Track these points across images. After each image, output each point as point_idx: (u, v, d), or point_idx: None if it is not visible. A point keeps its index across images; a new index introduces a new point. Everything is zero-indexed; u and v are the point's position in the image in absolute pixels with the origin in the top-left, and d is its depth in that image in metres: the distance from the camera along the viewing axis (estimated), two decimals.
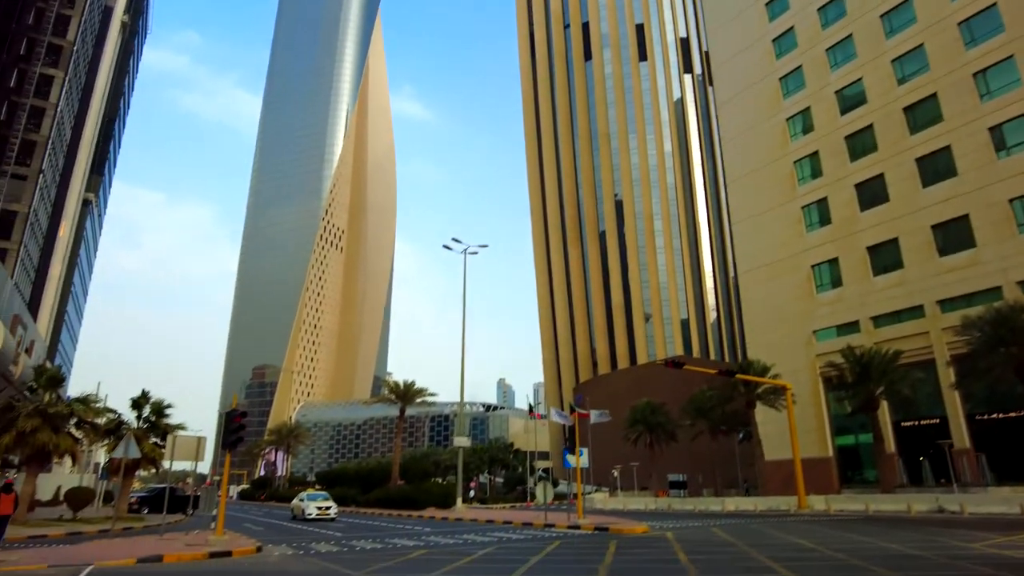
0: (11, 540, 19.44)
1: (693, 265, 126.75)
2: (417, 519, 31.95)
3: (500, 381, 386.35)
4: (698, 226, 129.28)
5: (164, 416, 30.05)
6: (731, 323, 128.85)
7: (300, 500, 32.13)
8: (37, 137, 57.15)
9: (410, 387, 46.36)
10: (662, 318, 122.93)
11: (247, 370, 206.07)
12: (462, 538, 19.33)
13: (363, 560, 13.83)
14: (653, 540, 17.84)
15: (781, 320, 49.18)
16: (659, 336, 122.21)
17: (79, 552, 15.08)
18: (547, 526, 23.57)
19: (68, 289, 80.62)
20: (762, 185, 52.47)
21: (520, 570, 11.75)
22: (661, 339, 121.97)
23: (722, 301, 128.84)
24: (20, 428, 23.82)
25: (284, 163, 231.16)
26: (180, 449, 19.11)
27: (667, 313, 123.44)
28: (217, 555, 14.45)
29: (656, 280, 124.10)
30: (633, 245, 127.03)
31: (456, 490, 36.42)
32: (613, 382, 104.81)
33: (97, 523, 26.28)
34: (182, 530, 22.64)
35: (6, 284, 35.65)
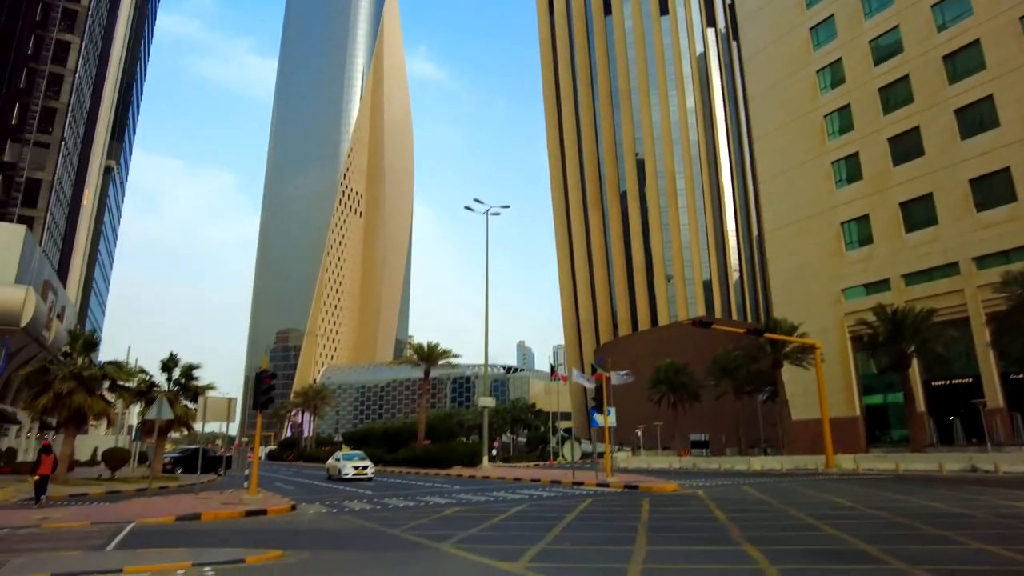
0: (54, 498, 19.92)
1: (716, 225, 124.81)
2: (444, 477, 32.35)
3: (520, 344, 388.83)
4: (721, 185, 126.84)
5: (193, 379, 30.44)
6: (754, 283, 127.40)
7: (336, 460, 31.65)
8: (57, 104, 57.12)
9: (434, 349, 46.53)
10: (684, 279, 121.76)
11: (271, 334, 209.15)
12: (493, 495, 19.42)
13: (397, 518, 13.88)
14: (686, 498, 17.74)
15: (808, 278, 48.33)
16: (681, 297, 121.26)
17: (119, 510, 15.34)
18: (575, 484, 23.62)
19: (94, 256, 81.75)
20: (790, 141, 51.01)
21: (557, 527, 11.66)
22: (683, 300, 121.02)
23: (745, 261, 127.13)
24: (57, 390, 24.28)
25: (301, 128, 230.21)
26: (211, 410, 19.29)
27: (689, 274, 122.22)
28: (253, 513, 14.61)
29: (678, 240, 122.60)
30: (655, 205, 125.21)
31: (482, 449, 36.75)
32: (634, 344, 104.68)
33: (134, 482, 26.89)
34: (216, 489, 23.06)
35: (35, 251, 36.03)
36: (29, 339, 32.41)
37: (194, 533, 11.90)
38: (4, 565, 7.89)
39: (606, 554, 8.89)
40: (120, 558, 8.38)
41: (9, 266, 31.52)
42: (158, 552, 8.91)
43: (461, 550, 9.25)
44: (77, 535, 11.28)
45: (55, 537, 11.11)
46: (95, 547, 9.83)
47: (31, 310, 30.04)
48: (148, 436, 31.68)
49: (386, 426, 61.83)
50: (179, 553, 8.70)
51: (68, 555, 8.92)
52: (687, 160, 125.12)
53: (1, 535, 11.48)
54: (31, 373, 25.06)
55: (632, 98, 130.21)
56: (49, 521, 12.81)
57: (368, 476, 29.10)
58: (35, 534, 11.61)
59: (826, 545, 9.31)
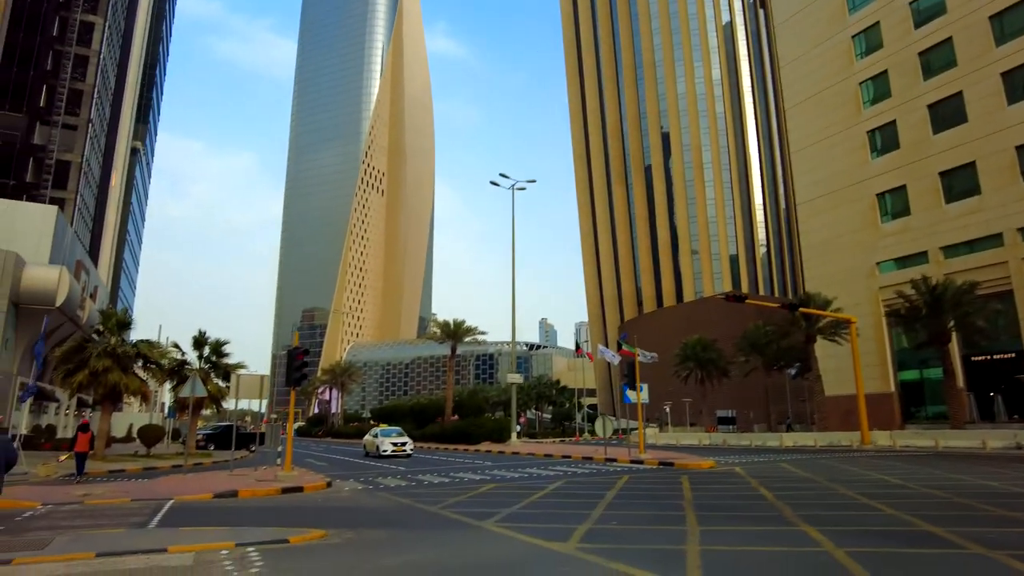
0: (93, 474, 20.22)
1: (743, 198, 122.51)
2: (474, 453, 32.37)
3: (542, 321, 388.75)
4: (748, 157, 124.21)
5: (223, 355, 30.69)
6: (782, 257, 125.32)
7: (373, 436, 30.82)
8: (83, 86, 57.42)
9: (459, 325, 46.42)
10: (710, 254, 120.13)
11: (297, 313, 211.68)
12: (526, 472, 19.24)
13: (434, 495, 13.73)
14: (725, 476, 17.37)
15: (841, 252, 47.16)
16: (707, 272, 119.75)
17: (157, 487, 15.43)
18: (608, 461, 23.38)
19: (124, 237, 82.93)
20: (823, 110, 49.50)
21: (599, 506, 11.38)
22: (709, 275, 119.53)
23: (773, 235, 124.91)
24: (92, 368, 24.58)
25: (322, 106, 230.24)
26: (244, 387, 19.30)
27: (715, 249, 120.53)
28: (289, 491, 14.57)
29: (704, 215, 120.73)
30: (680, 179, 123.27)
31: (511, 425, 36.68)
32: (659, 320, 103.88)
33: (168, 459, 27.27)
34: (249, 466, 23.23)
35: (67, 231, 36.43)
36: (64, 318, 32.88)
37: (232, 511, 11.85)
38: (50, 543, 7.82)
39: (658, 534, 8.57)
40: (163, 537, 8.27)
41: (43, 247, 31.91)
42: (200, 531, 8.80)
43: (506, 529, 9.00)
44: (118, 512, 11.29)
45: (97, 514, 11.12)
46: (137, 525, 9.78)
47: (65, 290, 30.43)
48: (182, 413, 32.11)
49: (413, 402, 62.24)
50: (221, 532, 8.57)
51: (112, 533, 8.86)
52: (713, 132, 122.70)
53: (45, 511, 11.53)
54: (67, 351, 25.41)
55: (657, 69, 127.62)
56: (91, 497, 12.88)
57: (407, 453, 28.37)
58: (78, 511, 11.65)
59: (888, 526, 8.89)
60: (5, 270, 28.12)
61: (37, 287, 29.58)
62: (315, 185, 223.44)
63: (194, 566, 6.68)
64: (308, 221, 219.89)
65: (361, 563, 6.87)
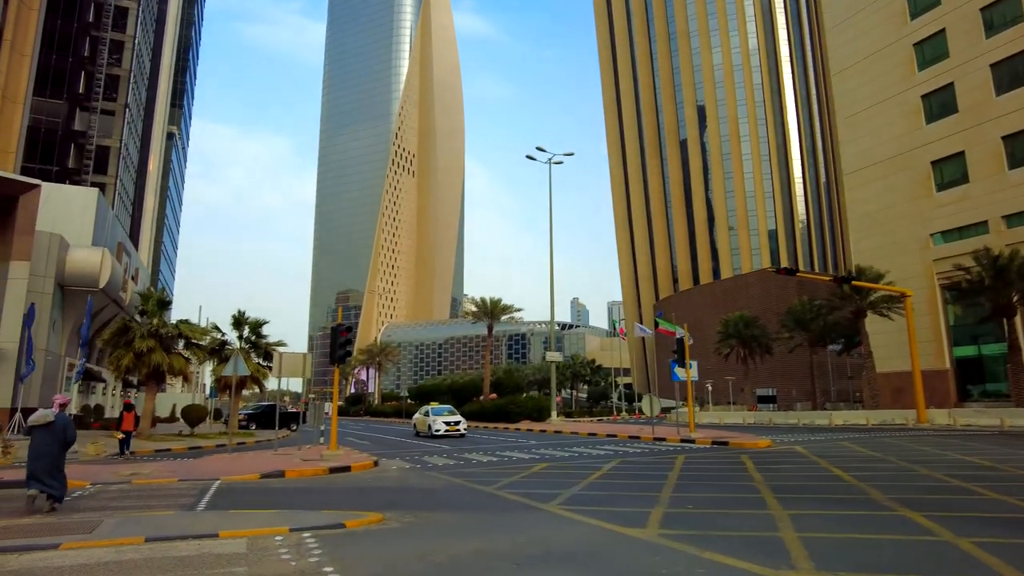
0: (141, 453, 20.24)
1: (782, 172, 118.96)
2: (514, 432, 31.91)
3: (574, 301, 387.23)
4: (787, 129, 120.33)
5: (262, 336, 30.60)
6: (822, 232, 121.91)
7: (424, 415, 29.39)
8: (120, 71, 57.86)
9: (496, 304, 45.86)
10: (748, 229, 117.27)
11: (332, 295, 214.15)
12: (574, 451, 18.61)
13: (485, 474, 13.18)
14: (787, 455, 16.50)
15: (892, 223, 45.17)
16: (744, 248, 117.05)
17: (203, 467, 15.20)
18: (657, 440, 22.62)
19: (162, 221, 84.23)
20: (872, 75, 47.19)
21: (665, 488, 10.67)
22: (747, 251, 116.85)
23: (813, 209, 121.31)
24: (137, 349, 24.65)
25: (352, 88, 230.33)
26: (287, 365, 19.02)
27: (753, 224, 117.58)
28: (336, 470, 14.17)
29: (742, 189, 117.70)
30: (716, 152, 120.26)
31: (550, 404, 36.12)
32: (695, 298, 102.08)
33: (212, 438, 27.38)
34: (292, 445, 23.09)
35: (108, 214, 36.72)
36: (108, 300, 33.21)
37: (280, 492, 11.45)
38: (98, 526, 7.42)
39: (742, 520, 7.82)
40: (213, 520, 7.82)
41: (85, 229, 32.14)
42: (251, 515, 8.34)
43: (572, 512, 8.35)
44: (166, 493, 10.98)
45: (145, 494, 10.82)
46: (185, 507, 9.40)
47: (108, 271, 30.63)
48: (223, 393, 32.26)
49: (450, 381, 62.18)
50: (273, 516, 8.09)
51: (160, 515, 8.46)
52: (750, 104, 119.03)
53: (94, 491, 11.29)
54: (113, 333, 25.54)
55: (691, 40, 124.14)
56: (138, 477, 12.65)
57: (460, 432, 26.94)
58: (126, 490, 11.38)
59: (1003, 513, 8.00)
60: (51, 252, 28.34)
61: (81, 269, 29.81)
62: (347, 167, 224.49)
63: (247, 553, 6.17)
64: (341, 203, 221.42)
65: (429, 551, 6.27)
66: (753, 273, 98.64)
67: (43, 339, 27.56)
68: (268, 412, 37.71)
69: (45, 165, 51.34)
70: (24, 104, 44.95)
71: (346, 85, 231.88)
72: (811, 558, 5.74)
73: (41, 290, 27.73)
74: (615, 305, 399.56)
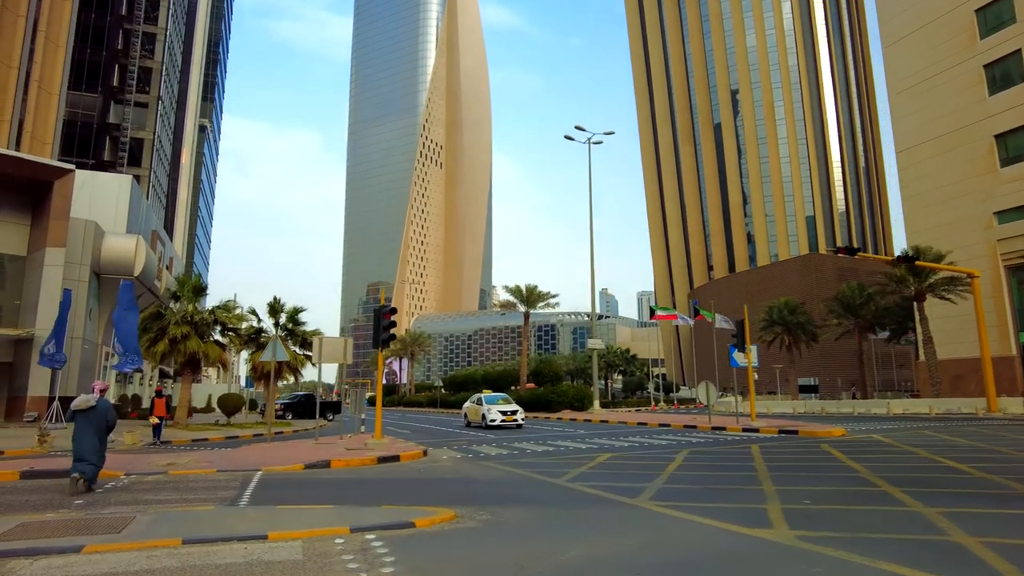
0: (177, 443, 19.53)
1: (819, 156, 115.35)
2: (557, 421, 30.74)
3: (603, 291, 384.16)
4: (824, 113, 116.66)
5: (300, 323, 29.85)
6: (862, 218, 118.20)
7: (476, 403, 27.15)
8: (152, 63, 57.88)
9: (532, 291, 44.62)
10: (784, 215, 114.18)
11: (362, 287, 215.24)
12: (633, 441, 17.33)
13: (546, 465, 12.01)
14: (871, 444, 15.00)
15: (950, 202, 42.77)
16: (781, 235, 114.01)
17: (243, 456, 14.31)
18: (716, 429, 21.19)
19: (195, 213, 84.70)
20: (929, 45, 44.66)
21: (761, 480, 9.37)
22: (784, 238, 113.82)
23: (852, 193, 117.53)
24: (172, 335, 24.01)
25: (379, 80, 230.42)
26: (327, 350, 18.05)
27: (790, 210, 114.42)
28: (385, 460, 13.12)
29: (778, 174, 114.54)
30: (752, 137, 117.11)
31: (593, 393, 34.82)
32: (732, 285, 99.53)
33: (249, 427, 26.72)
34: (332, 434, 22.20)
35: (142, 201, 36.35)
36: (143, 288, 32.80)
37: (328, 483, 10.42)
38: (129, 524, 6.42)
39: (888, 519, 6.47)
40: (260, 519, 6.74)
41: (120, 216, 31.73)
42: (302, 511, 7.25)
43: (671, 509, 7.11)
44: (205, 485, 10.01)
45: (182, 486, 9.86)
46: (226, 501, 8.38)
47: (142, 259, 30.16)
48: (260, 381, 31.61)
49: (485, 370, 61.16)
50: (328, 513, 6.99)
51: (200, 511, 7.44)
52: (786, 87, 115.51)
53: (129, 482, 10.39)
54: (146, 319, 24.90)
55: (724, 22, 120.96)
56: (175, 468, 11.75)
57: (518, 422, 24.71)
58: (162, 482, 10.46)
59: None
60: (86, 239, 27.90)
61: (116, 256, 29.36)
62: (375, 160, 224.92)
63: (304, 561, 5.06)
64: (370, 196, 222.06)
65: (524, 558, 5.09)
66: (793, 259, 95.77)
67: (80, 327, 27.16)
68: (305, 401, 37.15)
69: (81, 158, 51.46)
70: (59, 95, 44.93)
71: (374, 78, 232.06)
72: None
73: (77, 278, 27.31)
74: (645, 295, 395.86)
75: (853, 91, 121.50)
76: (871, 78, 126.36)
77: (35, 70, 42.49)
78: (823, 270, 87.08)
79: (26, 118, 41.50)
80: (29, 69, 41.94)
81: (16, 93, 41.19)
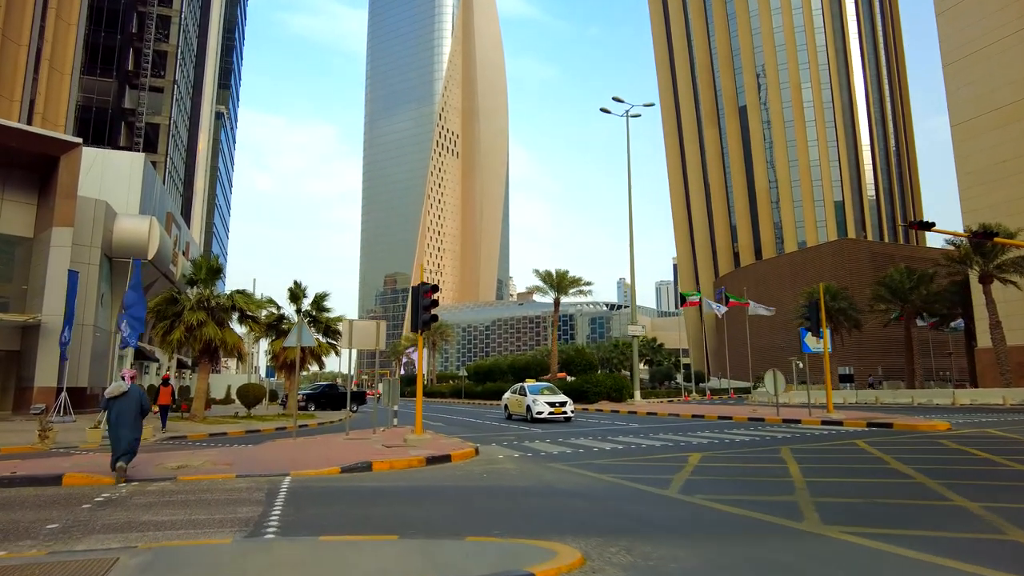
0: (193, 438, 17.65)
1: (848, 139, 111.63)
2: (597, 412, 28.56)
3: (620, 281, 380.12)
4: (854, 94, 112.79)
5: (325, 309, 27.93)
6: (892, 202, 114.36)
7: (519, 393, 24.35)
8: (167, 46, 56.47)
9: (564, 276, 42.31)
10: (813, 200, 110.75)
11: (379, 279, 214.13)
12: (707, 436, 15.09)
13: (632, 468, 9.85)
14: (1003, 441, 12.66)
15: (1012, 178, 39.85)
16: (809, 221, 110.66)
17: (266, 455, 12.32)
18: (789, 422, 18.90)
19: (213, 202, 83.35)
20: (987, 9, 41.72)
21: (947, 492, 7.15)
22: (812, 224, 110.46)
23: (882, 177, 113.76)
24: (187, 321, 22.10)
25: (395, 70, 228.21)
26: (358, 334, 16.01)
27: (818, 195, 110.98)
28: (435, 460, 11.03)
29: (805, 158, 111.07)
30: (779, 120, 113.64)
31: (632, 383, 32.56)
32: (760, 272, 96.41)
33: (270, 420, 24.89)
34: (362, 427, 20.20)
35: (156, 181, 34.55)
36: (158, 274, 31.04)
37: (377, 494, 8.33)
38: (111, 568, 4.37)
39: None
40: (299, 564, 4.63)
41: (132, 197, 29.93)
42: (361, 550, 5.07)
43: (879, 542, 4.92)
44: (220, 497, 7.94)
45: (192, 499, 7.82)
46: (249, 525, 6.28)
47: (156, 241, 28.33)
48: (281, 371, 29.67)
49: (512, 359, 58.98)
50: (397, 554, 4.82)
51: (211, 547, 5.33)
52: (814, 67, 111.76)
53: (127, 492, 8.38)
54: (159, 303, 22.98)
55: (749, 2, 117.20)
56: (186, 471, 9.75)
57: (566, 415, 22.11)
58: (168, 492, 8.43)
59: None
60: (96, 220, 26.08)
61: (129, 238, 27.55)
62: (392, 150, 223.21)
63: None
64: (386, 186, 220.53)
65: None
66: (826, 244, 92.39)
67: (90, 314, 25.40)
68: (328, 392, 35.32)
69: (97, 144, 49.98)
70: (71, 75, 43.31)
71: (389, 68, 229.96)
72: None
73: (87, 261, 25.53)
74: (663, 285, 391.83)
75: (883, 71, 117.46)
76: (902, 58, 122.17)
77: (46, 48, 40.84)
78: (858, 256, 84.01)
79: (37, 99, 39.90)
80: (40, 47, 40.32)
81: (27, 72, 39.64)
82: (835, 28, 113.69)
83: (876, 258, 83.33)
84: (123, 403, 9.31)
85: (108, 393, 9.47)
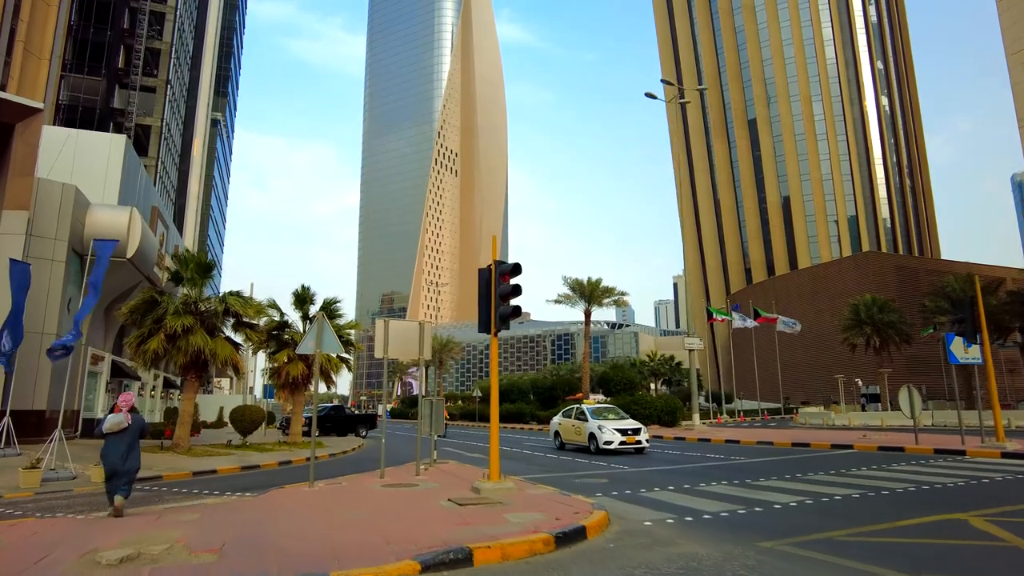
0: (169, 478, 13.18)
1: (861, 153, 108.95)
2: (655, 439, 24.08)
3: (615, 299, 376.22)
4: (865, 107, 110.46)
5: (337, 314, 23.54)
6: (906, 216, 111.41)
7: (576, 418, 20.21)
8: (160, 44, 52.86)
9: (596, 285, 38.06)
10: (825, 216, 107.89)
11: (376, 298, 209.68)
12: (867, 482, 10.77)
13: (869, 550, 5.58)
14: None
15: None
16: (823, 236, 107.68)
17: (277, 532, 7.82)
18: (943, 452, 14.57)
19: (207, 212, 79.16)
20: None
21: None
22: (825, 239, 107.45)
23: (895, 191, 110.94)
24: (169, 328, 17.66)
25: (394, 88, 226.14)
26: (395, 338, 11.73)
27: (831, 210, 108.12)
28: (565, 540, 6.60)
29: (817, 172, 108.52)
30: (789, 133, 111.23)
31: (692, 404, 28.07)
32: (775, 289, 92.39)
33: (271, 450, 20.40)
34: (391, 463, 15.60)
35: (139, 168, 30.23)
36: (139, 276, 26.58)
37: None
38: None
39: None
40: None
41: (111, 184, 25.57)
42: None
43: None
44: None
45: None
46: None
47: (137, 236, 23.90)
48: (282, 391, 25.01)
49: (534, 378, 54.40)
50: None
51: None
52: (824, 79, 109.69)
53: None
54: (135, 307, 18.42)
55: (757, 13, 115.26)
56: (140, 561, 5.35)
57: (641, 445, 18.20)
58: None
59: None
60: (64, 208, 21.64)
61: (104, 232, 23.09)
62: (390, 168, 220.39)
63: None
64: (385, 205, 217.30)
65: None
66: (848, 259, 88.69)
67: (52, 321, 20.91)
68: (334, 415, 30.77)
69: None
70: (50, 62, 39.24)
71: (389, 84, 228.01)
72: None
73: (51, 256, 21.08)
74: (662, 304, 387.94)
75: (894, 83, 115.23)
76: (911, 70, 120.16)
77: (20, 28, 36.70)
78: (882, 269, 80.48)
79: (8, 83, 35.62)
80: (14, 26, 36.18)
81: None
82: (844, 40, 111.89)
83: (902, 271, 79.69)
84: (123, 436, 8.35)
85: (106, 429, 8.38)
